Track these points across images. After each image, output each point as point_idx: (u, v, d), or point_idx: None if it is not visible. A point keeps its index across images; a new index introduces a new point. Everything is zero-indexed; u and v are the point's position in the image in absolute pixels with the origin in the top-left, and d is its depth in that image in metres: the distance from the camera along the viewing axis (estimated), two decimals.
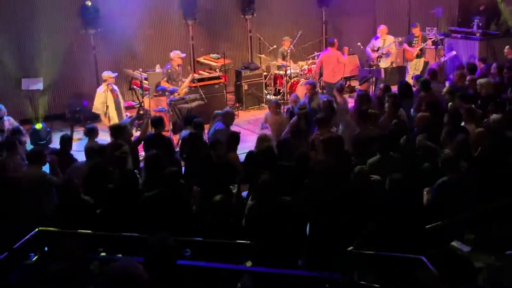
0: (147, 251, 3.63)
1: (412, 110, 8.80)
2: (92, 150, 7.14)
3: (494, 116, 7.33)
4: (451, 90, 9.02)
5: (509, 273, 4.37)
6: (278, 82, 13.45)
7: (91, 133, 8.00)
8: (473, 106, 8.15)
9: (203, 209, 5.85)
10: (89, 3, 11.81)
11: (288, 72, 12.96)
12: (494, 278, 4.36)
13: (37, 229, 5.51)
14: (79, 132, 10.75)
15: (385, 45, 12.95)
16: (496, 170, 6.05)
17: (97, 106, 10.71)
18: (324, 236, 5.39)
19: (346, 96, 10.87)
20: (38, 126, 10.82)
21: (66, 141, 7.78)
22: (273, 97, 13.08)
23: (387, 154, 6.53)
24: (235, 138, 7.55)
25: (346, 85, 13.05)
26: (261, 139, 7.57)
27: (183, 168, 7.37)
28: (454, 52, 13.81)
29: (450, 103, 8.55)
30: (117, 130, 7.81)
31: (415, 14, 14.55)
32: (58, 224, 5.65)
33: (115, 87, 10.87)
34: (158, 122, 8.14)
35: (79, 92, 12.34)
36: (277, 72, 13.46)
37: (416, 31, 13.19)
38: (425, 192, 5.87)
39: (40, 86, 11.36)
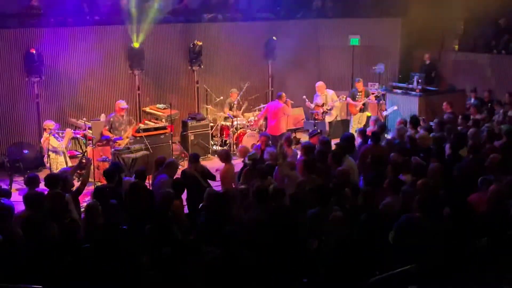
0: None
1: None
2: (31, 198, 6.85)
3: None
4: (392, 142, 9.24)
5: None
6: (224, 133, 13.51)
7: (32, 183, 7.71)
8: (417, 158, 8.37)
9: (153, 262, 5.70)
10: (33, 51, 11.64)
11: (235, 123, 13.06)
12: None
13: None
14: (19, 182, 10.41)
15: (327, 100, 13.26)
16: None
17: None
18: None
19: (294, 148, 10.94)
20: None
21: None
22: (220, 148, 13.09)
23: (328, 206, 6.42)
24: (181, 185, 7.49)
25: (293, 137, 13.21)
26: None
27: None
28: (395, 107, 14.27)
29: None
30: (53, 181, 7.57)
31: (358, 69, 15.02)
32: None
33: (56, 135, 10.64)
34: (110, 175, 7.86)
35: (20, 141, 12.03)
36: (223, 123, 13.54)
37: (359, 85, 13.59)
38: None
39: None
